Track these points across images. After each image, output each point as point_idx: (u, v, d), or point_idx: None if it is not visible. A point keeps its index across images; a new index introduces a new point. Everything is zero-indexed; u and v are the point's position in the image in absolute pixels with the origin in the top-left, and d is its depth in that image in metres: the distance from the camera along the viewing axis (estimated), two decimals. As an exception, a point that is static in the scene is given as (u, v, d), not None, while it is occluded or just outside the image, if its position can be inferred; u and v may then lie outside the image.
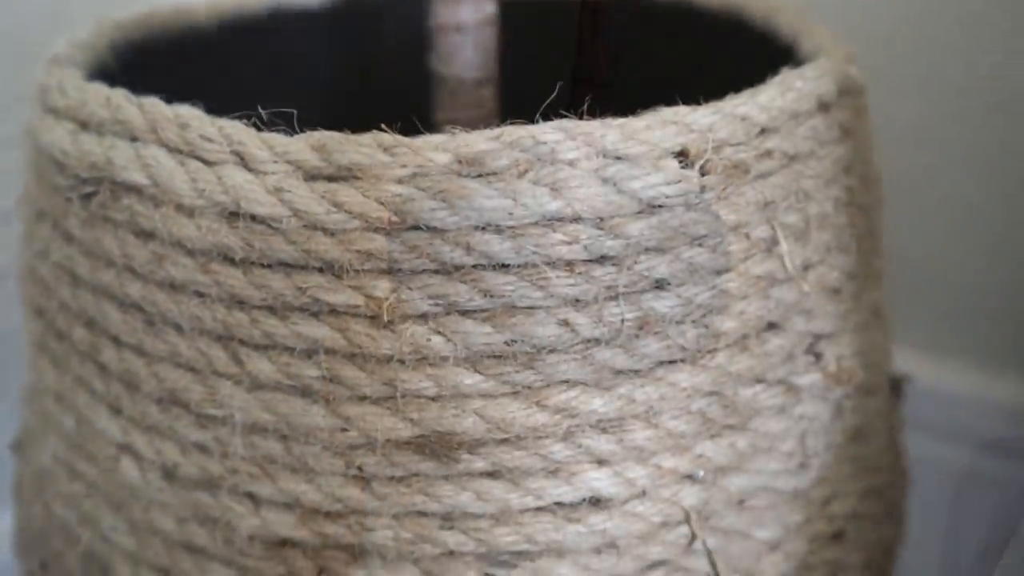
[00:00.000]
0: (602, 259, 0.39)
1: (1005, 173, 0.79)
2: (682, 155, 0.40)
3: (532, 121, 0.38)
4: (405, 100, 0.56)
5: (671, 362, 0.41)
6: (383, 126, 0.38)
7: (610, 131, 0.39)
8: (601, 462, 0.41)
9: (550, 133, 0.38)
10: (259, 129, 0.39)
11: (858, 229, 0.47)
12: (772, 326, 0.43)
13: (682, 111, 0.40)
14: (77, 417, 0.46)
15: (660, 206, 0.39)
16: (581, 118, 0.39)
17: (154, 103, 0.41)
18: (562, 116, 0.39)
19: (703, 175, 0.39)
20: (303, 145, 0.38)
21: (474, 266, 0.38)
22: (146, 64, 0.54)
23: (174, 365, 0.42)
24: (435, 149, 0.38)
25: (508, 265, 0.38)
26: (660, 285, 0.40)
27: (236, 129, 0.39)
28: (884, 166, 0.52)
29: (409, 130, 0.39)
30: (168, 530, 0.44)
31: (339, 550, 0.41)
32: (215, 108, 0.41)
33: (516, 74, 0.59)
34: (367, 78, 0.66)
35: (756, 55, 0.51)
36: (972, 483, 0.85)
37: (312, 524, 0.41)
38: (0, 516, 0.61)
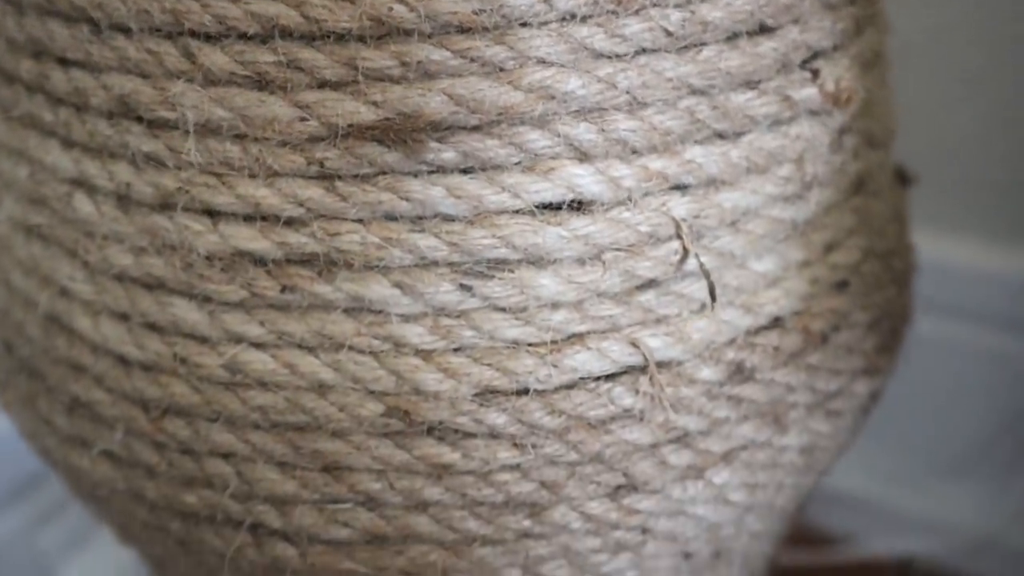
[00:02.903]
0: (573, -80, 0.36)
1: (1013, 38, 0.76)
2: None
3: None
4: None
5: (655, 50, 0.38)
6: None
7: None
8: (582, 158, 0.38)
9: None
10: None
11: (855, -56, 0.44)
12: (764, 29, 0.40)
13: None
14: (28, 162, 0.44)
15: None
16: None
17: None
18: None
19: None
20: None
21: (437, -75, 0.35)
22: None
23: (123, 72, 0.39)
24: None
25: (474, -75, 0.36)
26: (639, -42, 0.37)
27: None
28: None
29: None
30: (125, 265, 0.41)
31: (302, 265, 0.39)
32: None
33: None
34: None
35: None
36: (982, 361, 0.83)
37: (273, 234, 0.38)
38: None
